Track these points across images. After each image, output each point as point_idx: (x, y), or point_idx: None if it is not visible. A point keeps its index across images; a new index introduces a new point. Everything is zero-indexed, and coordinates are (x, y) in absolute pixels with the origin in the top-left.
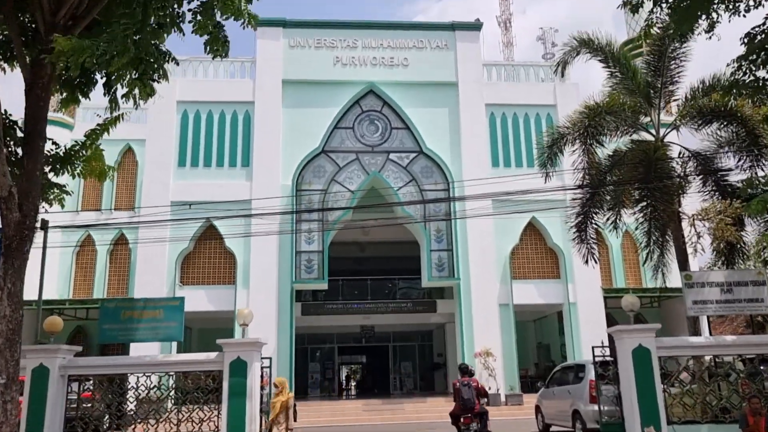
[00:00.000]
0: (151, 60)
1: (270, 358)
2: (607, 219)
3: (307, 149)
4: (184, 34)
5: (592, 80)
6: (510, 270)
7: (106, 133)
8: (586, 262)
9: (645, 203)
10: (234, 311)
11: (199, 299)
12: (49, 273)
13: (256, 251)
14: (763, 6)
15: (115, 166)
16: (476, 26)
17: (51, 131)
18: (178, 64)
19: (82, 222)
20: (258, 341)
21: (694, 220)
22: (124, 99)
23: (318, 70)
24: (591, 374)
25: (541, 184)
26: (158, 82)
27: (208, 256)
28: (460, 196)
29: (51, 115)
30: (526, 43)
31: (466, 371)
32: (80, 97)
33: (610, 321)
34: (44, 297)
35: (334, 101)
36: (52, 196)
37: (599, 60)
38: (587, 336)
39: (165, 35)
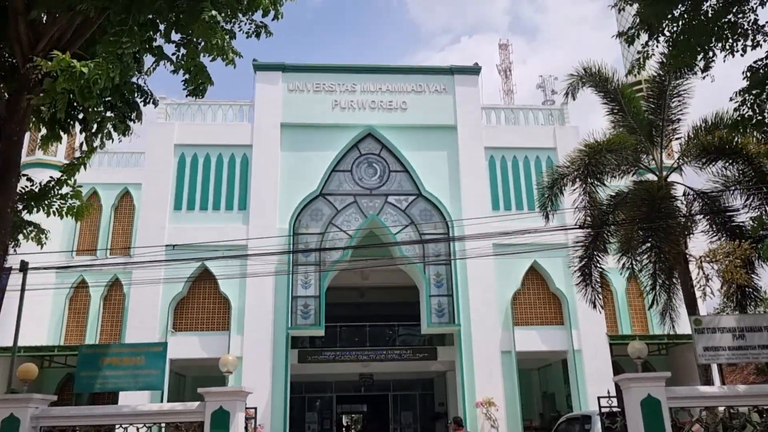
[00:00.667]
0: (129, 97)
1: (255, 408)
2: (621, 263)
3: (305, 192)
4: (170, 63)
5: (591, 123)
6: (512, 316)
7: (82, 168)
8: (594, 306)
9: (650, 244)
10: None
11: (191, 346)
12: (40, 318)
13: (251, 296)
14: (761, 46)
15: (112, 209)
16: (475, 70)
17: (43, 173)
18: (156, 104)
19: (76, 265)
20: (242, 390)
21: (702, 262)
22: (96, 137)
23: (316, 113)
24: (597, 426)
25: (542, 227)
26: (133, 121)
27: (202, 301)
28: (460, 236)
29: (49, 158)
30: (526, 91)
31: (460, 424)
32: (61, 133)
33: (617, 369)
34: (35, 343)
35: (332, 144)
36: (29, 235)
37: (600, 95)
38: (593, 385)
39: (149, 68)
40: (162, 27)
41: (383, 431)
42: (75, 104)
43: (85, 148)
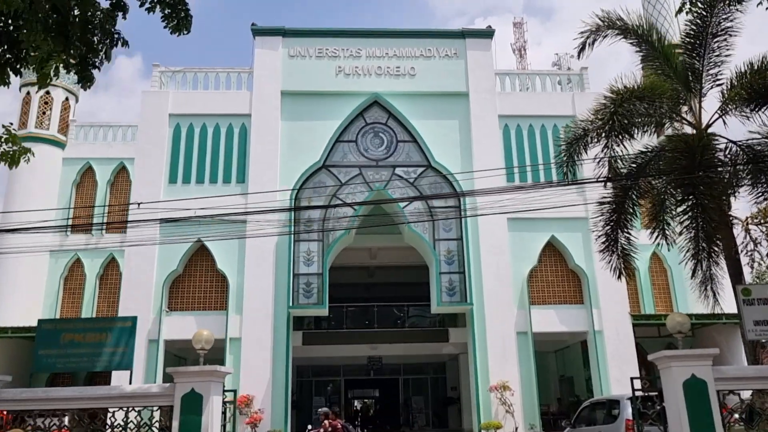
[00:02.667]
0: (88, 37)
1: (234, 391)
2: (652, 229)
3: (307, 164)
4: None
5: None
6: (528, 294)
7: (73, 140)
8: (619, 276)
9: (691, 201)
10: (225, 339)
11: (187, 326)
12: (35, 300)
13: (250, 273)
14: None
15: (108, 185)
16: (488, 33)
17: (41, 149)
18: (127, 45)
19: (71, 246)
20: (217, 370)
21: (748, 223)
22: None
23: (319, 80)
24: (628, 412)
25: (562, 199)
26: (97, 68)
27: (198, 279)
28: (473, 209)
29: (42, 132)
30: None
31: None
32: (11, 74)
33: (639, 352)
34: (27, 324)
35: (336, 113)
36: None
37: (630, 41)
38: (615, 368)
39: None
40: None
41: (394, 416)
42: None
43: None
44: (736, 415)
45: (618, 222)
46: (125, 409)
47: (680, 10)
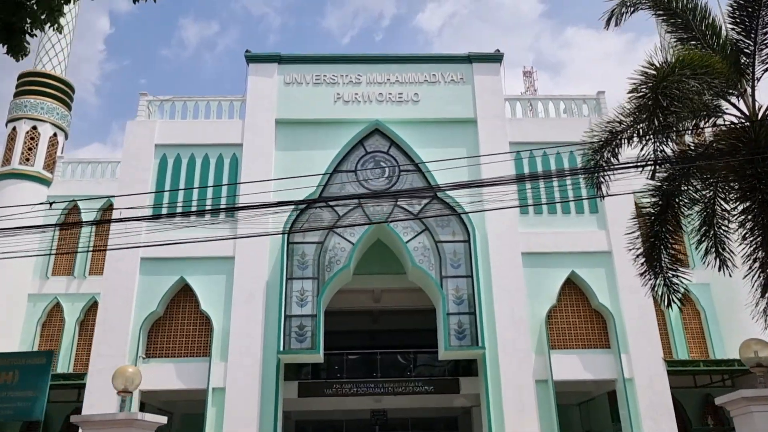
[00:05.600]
0: None
1: None
2: (700, 238)
3: (302, 196)
4: None
5: None
6: (547, 338)
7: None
8: (669, 305)
9: (760, 197)
10: (208, 389)
11: (166, 375)
12: (7, 347)
13: (237, 315)
14: None
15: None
16: (496, 58)
17: (25, 186)
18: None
19: (52, 291)
20: (135, 419)
21: None
22: None
23: (317, 108)
24: None
25: (582, 231)
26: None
27: (180, 322)
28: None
29: (27, 169)
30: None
31: None
32: None
33: (675, 403)
34: None
35: (334, 142)
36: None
37: (664, 16)
38: (650, 421)
39: None
40: None
41: None
42: None
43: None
44: None
45: (658, 238)
46: None
47: None
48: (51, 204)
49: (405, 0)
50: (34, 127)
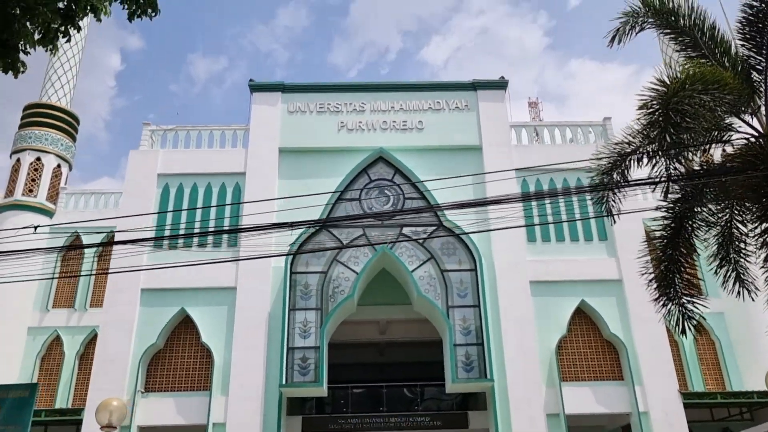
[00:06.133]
0: None
1: None
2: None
3: (305, 225)
4: None
5: None
6: (558, 369)
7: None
8: (683, 331)
9: None
10: (208, 424)
11: (166, 409)
12: (5, 381)
13: (239, 347)
14: None
15: (95, 256)
16: (501, 85)
17: (27, 218)
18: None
19: (52, 324)
20: None
21: None
22: None
23: (320, 136)
24: None
25: (591, 259)
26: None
27: (180, 355)
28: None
29: (29, 200)
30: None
31: None
32: None
33: None
34: None
35: (338, 170)
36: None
37: (671, 35)
38: None
39: None
40: None
41: None
42: None
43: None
44: None
45: (672, 259)
46: None
47: None
48: (35, 228)
49: (411, 34)
50: (38, 159)
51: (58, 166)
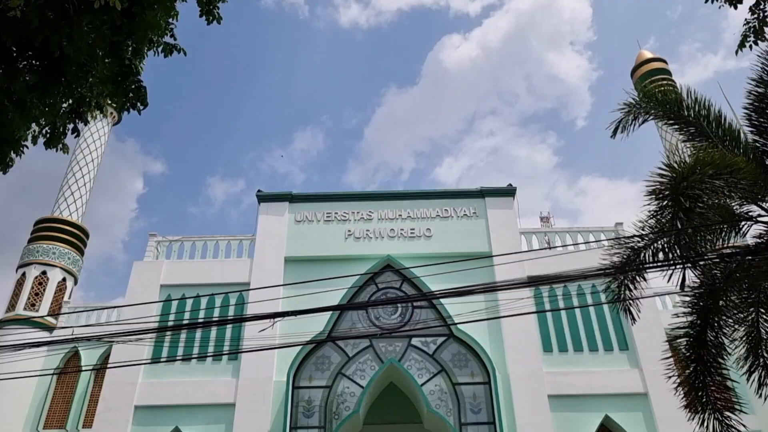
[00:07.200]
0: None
1: None
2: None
3: (309, 336)
4: None
5: None
6: None
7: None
8: None
9: None
10: None
11: None
12: None
13: None
14: None
15: (91, 373)
16: (509, 192)
17: (27, 333)
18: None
19: None
20: None
21: None
22: None
23: (327, 245)
24: None
25: (613, 370)
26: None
27: None
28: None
29: (31, 314)
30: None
31: None
32: None
33: None
34: None
35: (344, 279)
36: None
37: (676, 125)
38: None
39: None
40: None
41: None
42: None
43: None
44: None
45: (701, 360)
46: None
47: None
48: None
49: (424, 155)
50: (44, 272)
51: (63, 279)
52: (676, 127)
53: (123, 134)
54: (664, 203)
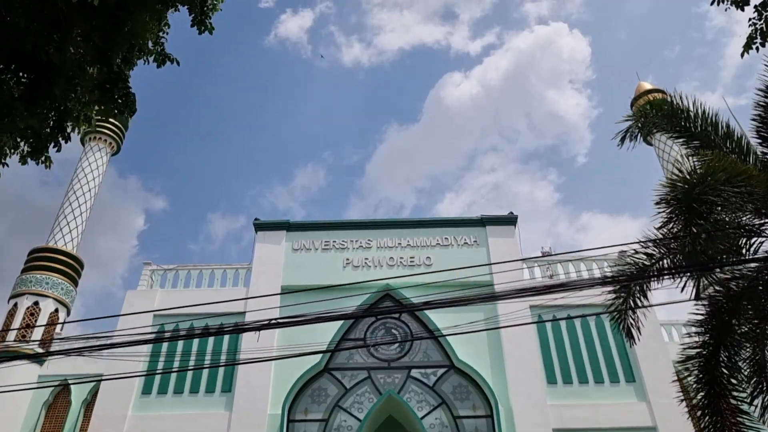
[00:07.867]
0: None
1: None
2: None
3: (305, 367)
4: None
5: None
6: None
7: None
8: None
9: None
10: None
11: None
12: None
13: None
14: None
15: (82, 406)
16: (510, 220)
17: (18, 366)
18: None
19: None
20: None
21: None
22: None
23: (325, 274)
24: None
25: (619, 403)
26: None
27: None
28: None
29: (22, 347)
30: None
31: None
32: None
33: None
34: None
35: (342, 309)
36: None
37: (682, 138)
38: None
39: None
40: None
41: None
42: None
43: None
44: None
45: (715, 381)
46: None
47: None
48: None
49: (425, 192)
50: (36, 303)
51: (56, 310)
52: (683, 139)
53: (125, 171)
54: (677, 211)
